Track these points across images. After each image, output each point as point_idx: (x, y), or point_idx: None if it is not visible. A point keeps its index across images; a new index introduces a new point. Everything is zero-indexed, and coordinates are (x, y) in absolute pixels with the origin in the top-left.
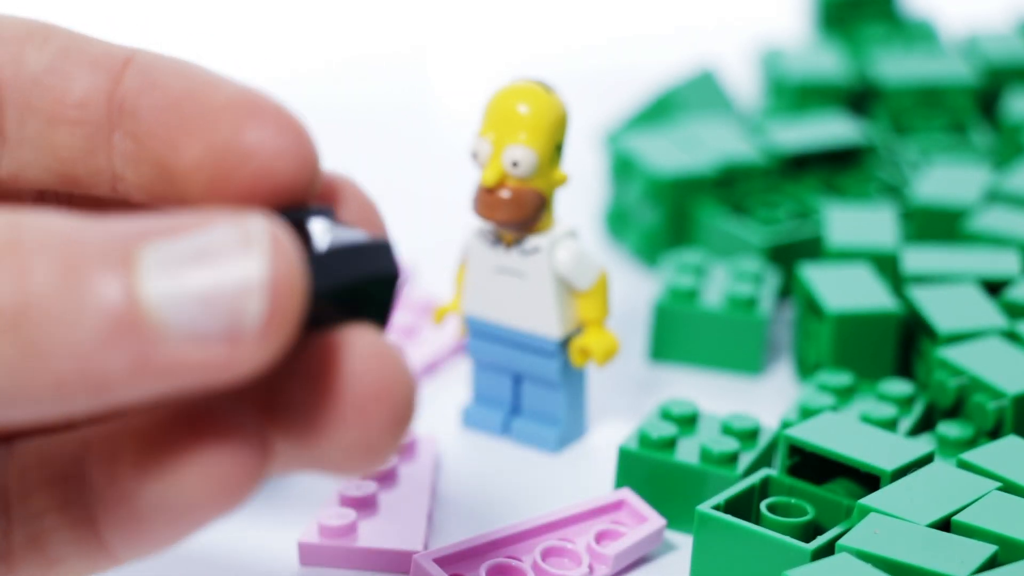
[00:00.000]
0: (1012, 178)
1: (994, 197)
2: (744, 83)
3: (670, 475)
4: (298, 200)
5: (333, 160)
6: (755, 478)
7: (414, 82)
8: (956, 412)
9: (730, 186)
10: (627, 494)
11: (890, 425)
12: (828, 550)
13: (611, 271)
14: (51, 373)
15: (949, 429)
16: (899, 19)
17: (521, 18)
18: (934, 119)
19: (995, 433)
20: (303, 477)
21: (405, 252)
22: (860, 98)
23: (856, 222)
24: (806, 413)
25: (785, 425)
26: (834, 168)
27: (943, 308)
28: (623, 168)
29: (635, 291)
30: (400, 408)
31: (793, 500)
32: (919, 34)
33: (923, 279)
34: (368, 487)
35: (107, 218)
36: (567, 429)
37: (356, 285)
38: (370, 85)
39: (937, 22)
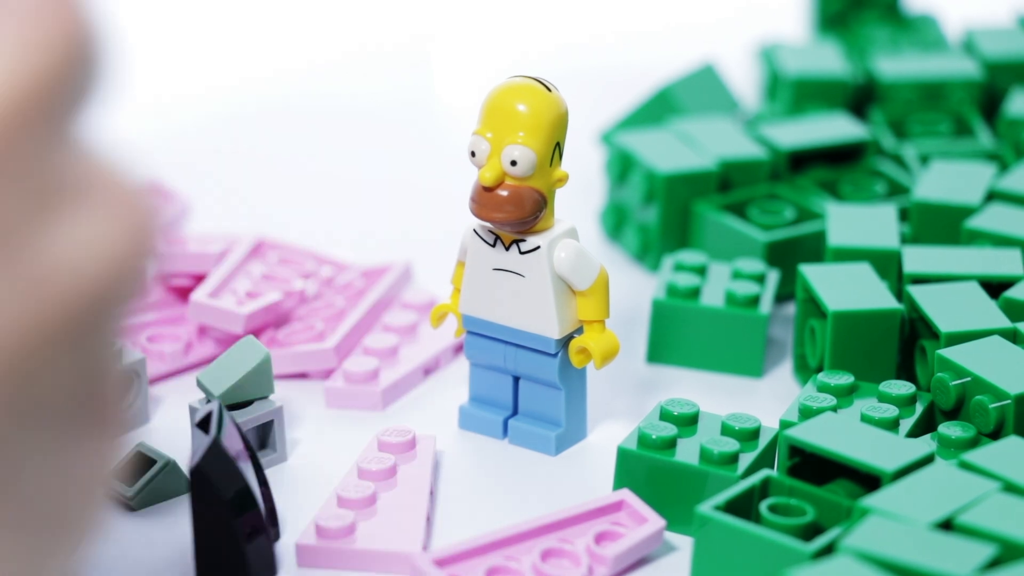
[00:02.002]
0: (1016, 175)
1: (997, 195)
2: (745, 83)
3: (670, 475)
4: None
5: (334, 156)
6: (755, 479)
7: (414, 79)
8: (957, 413)
9: (731, 184)
10: (626, 495)
11: (891, 425)
12: (828, 551)
13: (610, 271)
14: None
15: (950, 430)
16: (902, 16)
17: (522, 15)
18: (936, 115)
19: (997, 434)
20: (300, 478)
21: (405, 250)
22: (862, 93)
23: (857, 220)
24: (806, 413)
25: (785, 425)
26: (836, 166)
27: (945, 308)
28: (622, 166)
29: (635, 291)
30: None
31: (793, 501)
32: (922, 31)
33: (925, 278)
34: (367, 488)
35: None
36: (566, 432)
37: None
38: (371, 81)
39: (938, 19)
